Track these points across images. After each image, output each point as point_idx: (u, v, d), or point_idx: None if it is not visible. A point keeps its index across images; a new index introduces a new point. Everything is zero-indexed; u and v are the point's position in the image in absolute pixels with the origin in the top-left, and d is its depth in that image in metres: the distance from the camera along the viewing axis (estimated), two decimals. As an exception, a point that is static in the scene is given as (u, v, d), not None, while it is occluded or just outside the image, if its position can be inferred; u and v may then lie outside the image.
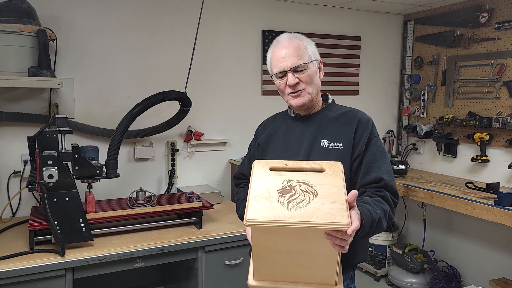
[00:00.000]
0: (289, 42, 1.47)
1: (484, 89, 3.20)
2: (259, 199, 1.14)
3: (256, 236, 1.15)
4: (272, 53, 1.50)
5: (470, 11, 3.26)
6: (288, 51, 1.45)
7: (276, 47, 1.49)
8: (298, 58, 1.44)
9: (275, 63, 1.48)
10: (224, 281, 2.40)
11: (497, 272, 3.09)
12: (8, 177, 2.58)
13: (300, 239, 1.13)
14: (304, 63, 1.44)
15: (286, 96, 1.49)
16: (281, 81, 1.47)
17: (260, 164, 1.27)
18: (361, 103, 3.73)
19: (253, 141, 1.69)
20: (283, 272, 1.21)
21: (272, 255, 1.18)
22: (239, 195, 1.65)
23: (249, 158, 1.67)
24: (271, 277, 1.23)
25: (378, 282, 3.56)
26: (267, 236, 1.14)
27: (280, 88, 1.50)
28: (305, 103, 1.47)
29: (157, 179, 3.04)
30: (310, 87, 1.46)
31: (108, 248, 2.11)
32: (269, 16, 3.31)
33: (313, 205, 1.11)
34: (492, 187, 2.82)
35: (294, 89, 1.45)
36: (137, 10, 2.86)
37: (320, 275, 1.21)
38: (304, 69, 1.45)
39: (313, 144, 1.46)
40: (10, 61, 2.28)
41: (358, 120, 1.47)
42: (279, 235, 1.13)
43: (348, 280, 1.50)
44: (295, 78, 1.44)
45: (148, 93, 2.56)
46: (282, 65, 1.45)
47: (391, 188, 1.39)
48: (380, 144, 1.48)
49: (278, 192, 1.16)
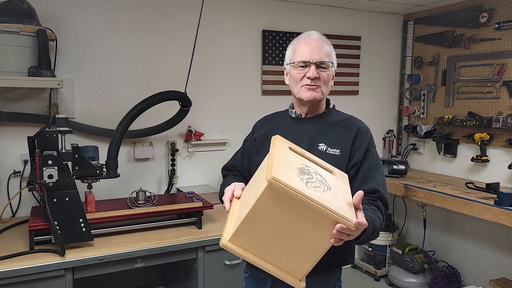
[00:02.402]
0: (320, 39, 1.51)
1: (484, 89, 3.20)
2: (282, 166, 1.11)
3: (266, 199, 1.09)
4: (299, 42, 1.51)
5: (470, 11, 3.26)
6: (318, 46, 1.48)
7: (306, 39, 1.51)
8: (325, 56, 1.48)
9: (301, 51, 1.49)
10: (224, 281, 2.40)
11: (497, 272, 3.09)
12: (8, 177, 2.58)
13: (304, 219, 1.10)
14: (329, 62, 1.48)
15: (299, 88, 1.49)
16: (301, 71, 1.48)
17: (281, 139, 1.27)
18: (361, 103, 3.74)
19: (249, 135, 1.69)
20: (260, 246, 1.17)
21: (264, 225, 1.13)
22: (228, 179, 1.60)
23: (243, 152, 1.67)
24: (246, 245, 1.18)
25: (378, 282, 3.56)
26: (276, 203, 1.09)
27: (295, 78, 1.50)
28: (315, 98, 1.48)
29: (157, 179, 3.04)
30: (325, 87, 1.50)
31: (108, 248, 2.11)
32: (269, 16, 3.31)
33: (328, 195, 1.12)
34: (492, 187, 2.82)
35: (311, 83, 1.47)
36: (137, 10, 2.86)
37: (293, 265, 1.18)
38: (326, 67, 1.48)
39: (311, 147, 1.46)
40: (10, 61, 2.28)
41: (358, 129, 1.49)
42: (289, 207, 1.09)
43: (334, 279, 1.52)
44: (316, 72, 1.46)
45: (148, 93, 2.56)
46: (308, 56, 1.46)
47: (384, 200, 1.43)
48: (377, 156, 1.51)
49: (297, 169, 1.15)
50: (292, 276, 1.19)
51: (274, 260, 1.19)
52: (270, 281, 1.50)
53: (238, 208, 1.29)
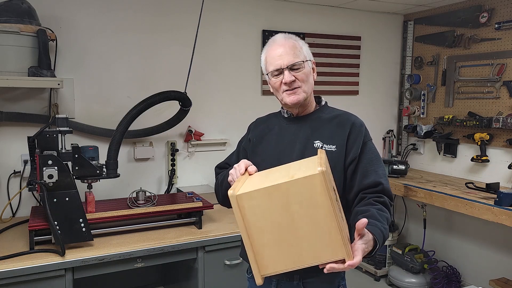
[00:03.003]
0: (285, 41, 1.48)
1: (484, 89, 3.20)
2: None
3: (303, 184, 1.08)
4: (268, 51, 1.50)
5: (470, 11, 3.26)
6: (284, 49, 1.45)
7: (272, 46, 1.49)
8: (294, 57, 1.45)
9: (271, 60, 1.47)
10: (224, 281, 2.40)
11: (497, 272, 3.09)
12: (8, 177, 2.58)
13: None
14: (300, 61, 1.45)
15: (281, 94, 1.49)
16: (277, 79, 1.47)
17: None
18: (361, 103, 3.74)
19: (245, 136, 1.69)
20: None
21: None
22: (227, 171, 1.53)
23: (239, 151, 1.67)
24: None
25: (378, 282, 3.56)
26: (303, 193, 1.08)
27: (275, 87, 1.50)
28: (300, 101, 1.47)
29: (157, 179, 3.04)
30: (305, 86, 1.47)
31: (108, 248, 2.11)
32: (269, 16, 3.31)
33: None
34: (492, 187, 2.82)
35: (290, 87, 1.45)
36: (137, 10, 2.86)
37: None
38: (300, 67, 1.46)
39: (306, 145, 1.46)
40: (10, 61, 2.28)
41: (352, 124, 1.48)
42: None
43: (339, 278, 1.51)
44: (291, 75, 1.44)
45: (148, 93, 2.56)
46: (278, 63, 1.45)
47: (388, 192, 1.42)
48: (374, 148, 1.50)
49: None
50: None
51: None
52: (275, 281, 1.49)
53: (257, 178, 1.25)
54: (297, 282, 1.46)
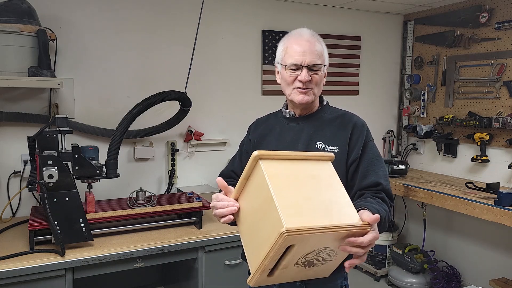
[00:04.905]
0: (311, 38, 1.45)
1: (484, 89, 3.20)
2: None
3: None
4: (290, 43, 1.46)
5: (470, 11, 3.26)
6: (310, 47, 1.43)
7: (297, 39, 1.45)
8: (317, 57, 1.43)
9: (292, 53, 1.44)
10: (224, 281, 2.40)
11: (497, 272, 3.09)
12: (8, 177, 2.58)
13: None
14: (321, 64, 1.45)
15: (291, 90, 1.47)
16: (293, 74, 1.45)
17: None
18: (361, 103, 3.74)
19: (245, 138, 1.67)
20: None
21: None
22: None
23: (241, 155, 1.65)
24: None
25: (378, 282, 3.56)
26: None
27: (287, 80, 1.47)
28: (308, 102, 1.47)
29: (157, 179, 3.04)
30: (317, 89, 1.47)
31: (108, 248, 2.11)
32: (269, 16, 3.31)
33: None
34: (492, 187, 2.82)
35: (303, 86, 1.44)
36: (137, 10, 2.86)
37: None
38: (318, 70, 1.45)
39: (308, 146, 1.46)
40: (10, 61, 2.28)
41: (354, 124, 1.48)
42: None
43: (341, 278, 1.50)
44: (309, 75, 1.43)
45: (148, 93, 2.56)
46: (300, 59, 1.42)
47: (388, 192, 1.41)
48: (375, 148, 1.49)
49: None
50: None
51: None
52: None
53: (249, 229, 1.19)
54: (300, 283, 1.45)
